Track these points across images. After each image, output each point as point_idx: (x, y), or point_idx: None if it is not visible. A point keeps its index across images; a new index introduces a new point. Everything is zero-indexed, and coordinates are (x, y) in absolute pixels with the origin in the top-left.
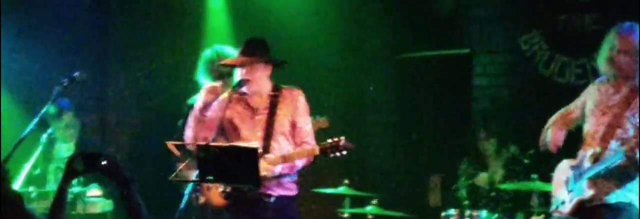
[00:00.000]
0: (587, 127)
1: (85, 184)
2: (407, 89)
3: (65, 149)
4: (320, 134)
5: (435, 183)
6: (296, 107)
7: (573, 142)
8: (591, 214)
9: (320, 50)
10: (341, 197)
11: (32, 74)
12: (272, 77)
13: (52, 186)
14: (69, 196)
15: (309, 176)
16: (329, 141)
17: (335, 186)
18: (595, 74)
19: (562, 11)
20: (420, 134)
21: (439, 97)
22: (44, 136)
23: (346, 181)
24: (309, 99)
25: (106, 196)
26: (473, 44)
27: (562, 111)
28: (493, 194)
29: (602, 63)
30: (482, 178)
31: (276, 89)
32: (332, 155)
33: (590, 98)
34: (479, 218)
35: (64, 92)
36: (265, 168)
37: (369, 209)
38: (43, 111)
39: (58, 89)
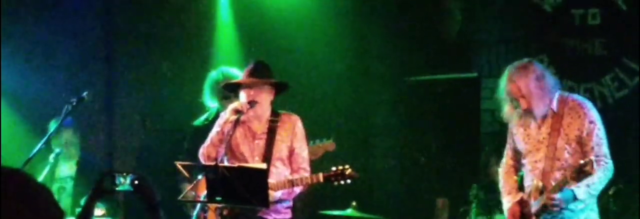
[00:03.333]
0: (526, 164)
1: None
2: (414, 112)
3: (67, 168)
4: (326, 157)
5: (441, 206)
6: (294, 133)
7: None
8: None
9: (327, 73)
10: None
11: (37, 92)
12: (278, 100)
13: None
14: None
15: (316, 198)
16: (334, 169)
17: (343, 208)
18: (602, 98)
19: (569, 35)
20: (428, 157)
21: (447, 121)
22: (52, 156)
23: (353, 204)
24: (314, 123)
25: (112, 216)
26: (480, 68)
27: (502, 167)
28: None
29: (505, 109)
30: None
31: (275, 114)
32: (335, 183)
33: (517, 139)
34: None
35: (72, 112)
36: (291, 192)
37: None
38: (51, 130)
39: (67, 108)
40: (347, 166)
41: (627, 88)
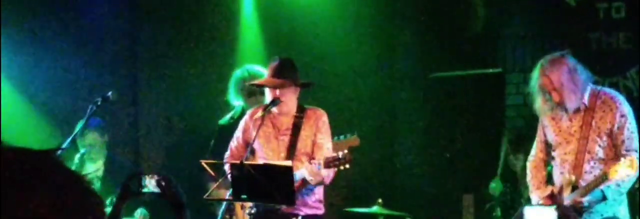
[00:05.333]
0: (556, 157)
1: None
2: (439, 108)
3: (93, 169)
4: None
5: (468, 202)
6: (318, 127)
7: None
8: None
9: (351, 69)
10: (374, 217)
11: (61, 91)
12: (302, 96)
13: None
14: None
15: (341, 195)
16: (333, 154)
17: (368, 205)
18: (628, 92)
19: (594, 29)
20: (453, 153)
21: (472, 116)
22: (77, 156)
23: (379, 201)
24: (338, 118)
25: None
26: (505, 63)
27: (530, 161)
28: None
29: (538, 102)
30: None
31: (301, 109)
32: (335, 168)
33: (548, 131)
34: None
35: (97, 112)
36: (315, 172)
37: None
38: (77, 130)
39: (92, 108)
40: (346, 151)
41: None
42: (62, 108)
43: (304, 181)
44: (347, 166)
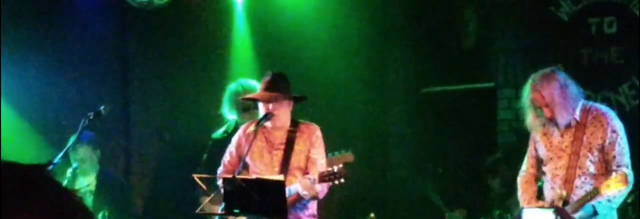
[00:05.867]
0: (547, 172)
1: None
2: (431, 123)
3: (84, 184)
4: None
5: (460, 217)
6: (312, 142)
7: None
8: None
9: (343, 83)
10: None
11: (52, 105)
12: (294, 110)
13: None
14: None
15: (335, 209)
16: (328, 169)
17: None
18: (620, 107)
19: (586, 44)
20: (445, 167)
21: (464, 131)
22: (69, 170)
23: (372, 215)
24: (331, 132)
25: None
26: (497, 78)
27: (521, 176)
28: None
29: (529, 118)
30: None
31: (294, 124)
32: (330, 183)
33: (539, 146)
34: None
35: (89, 126)
36: (309, 186)
37: None
38: (69, 144)
39: (84, 122)
40: (340, 166)
41: None
42: (53, 123)
43: (298, 196)
44: (342, 180)
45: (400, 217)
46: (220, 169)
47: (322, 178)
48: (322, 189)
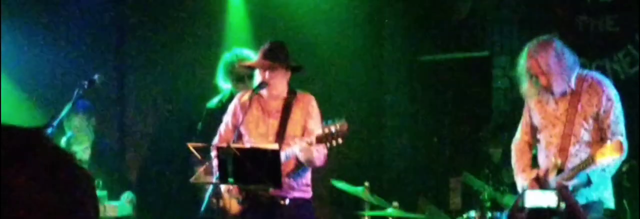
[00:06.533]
0: (541, 140)
1: (104, 188)
2: (427, 92)
3: (80, 152)
4: None
5: (455, 185)
6: (309, 113)
7: None
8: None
9: (338, 53)
10: (360, 200)
11: (48, 75)
12: (290, 80)
13: None
14: None
15: (329, 179)
16: (324, 130)
17: (355, 185)
18: (615, 75)
19: (581, 12)
20: (440, 136)
21: (459, 100)
22: (64, 139)
23: (366, 184)
24: (327, 103)
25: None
26: (492, 46)
27: (515, 143)
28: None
29: (524, 85)
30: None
31: (291, 92)
32: (329, 144)
33: (534, 114)
34: None
35: (83, 95)
36: (306, 147)
37: (390, 211)
38: (63, 113)
39: (78, 91)
40: (338, 125)
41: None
42: (49, 92)
43: (296, 165)
44: (340, 140)
45: (396, 187)
46: (216, 139)
47: (320, 139)
48: (318, 154)
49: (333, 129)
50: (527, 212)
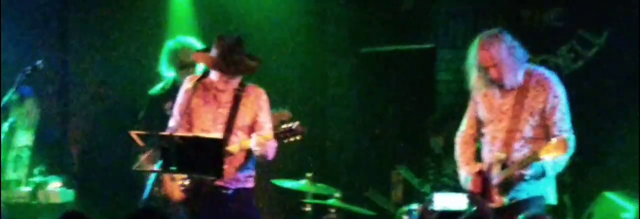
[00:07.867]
0: (486, 134)
1: (46, 174)
2: (371, 83)
3: (24, 138)
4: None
5: (397, 178)
6: (260, 106)
7: None
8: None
9: (282, 43)
10: (302, 192)
11: None
12: None
13: (10, 175)
14: (31, 186)
15: (271, 170)
16: (284, 126)
17: (298, 179)
18: (558, 69)
19: (526, 6)
20: (383, 128)
21: (403, 92)
22: (6, 125)
23: (308, 175)
24: (270, 92)
25: (67, 186)
26: (437, 39)
27: (459, 136)
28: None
29: (473, 78)
30: None
31: (242, 85)
32: (285, 141)
33: (480, 108)
34: None
35: (27, 80)
36: (262, 143)
37: (332, 201)
38: (5, 99)
39: (21, 76)
40: (295, 122)
41: (583, 60)
42: None
43: (246, 158)
44: (298, 137)
45: (338, 178)
46: (171, 122)
47: (278, 135)
48: (271, 148)
49: (293, 126)
50: (436, 215)
